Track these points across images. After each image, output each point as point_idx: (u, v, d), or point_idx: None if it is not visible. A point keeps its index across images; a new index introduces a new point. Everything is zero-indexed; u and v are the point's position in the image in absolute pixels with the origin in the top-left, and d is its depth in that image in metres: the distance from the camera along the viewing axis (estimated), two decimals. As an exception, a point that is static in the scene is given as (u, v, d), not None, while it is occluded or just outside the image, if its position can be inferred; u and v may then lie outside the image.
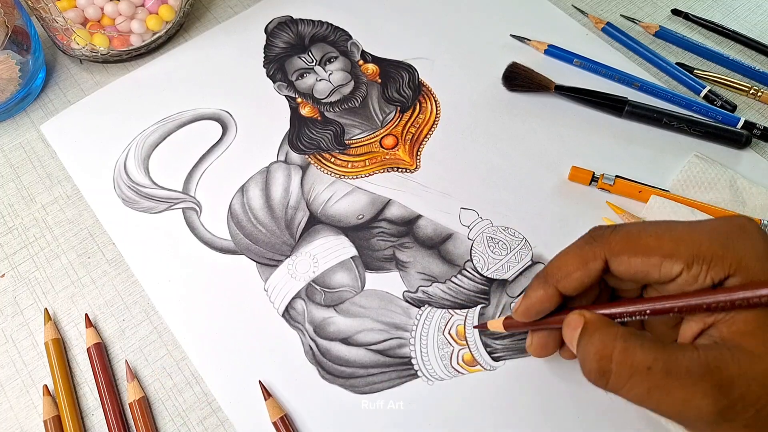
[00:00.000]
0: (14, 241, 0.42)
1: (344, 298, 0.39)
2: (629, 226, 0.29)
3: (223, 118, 0.46)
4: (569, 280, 0.29)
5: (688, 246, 0.26)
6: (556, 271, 0.29)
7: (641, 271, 0.27)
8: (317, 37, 0.50)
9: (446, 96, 0.47)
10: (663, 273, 0.27)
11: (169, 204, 0.43)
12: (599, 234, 0.29)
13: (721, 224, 0.27)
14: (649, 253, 0.27)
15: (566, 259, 0.29)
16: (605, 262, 0.28)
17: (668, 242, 0.27)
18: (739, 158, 0.43)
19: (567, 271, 0.29)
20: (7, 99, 0.45)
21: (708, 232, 0.27)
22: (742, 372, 0.24)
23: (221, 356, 0.37)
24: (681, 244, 0.27)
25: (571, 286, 0.29)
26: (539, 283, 0.30)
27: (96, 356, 0.36)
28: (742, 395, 0.24)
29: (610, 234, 0.29)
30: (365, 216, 0.42)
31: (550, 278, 0.29)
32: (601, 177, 0.42)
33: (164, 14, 0.48)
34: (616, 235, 0.28)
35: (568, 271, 0.29)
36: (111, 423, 0.35)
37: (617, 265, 0.28)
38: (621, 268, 0.28)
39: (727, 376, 0.24)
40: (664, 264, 0.27)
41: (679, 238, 0.27)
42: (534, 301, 0.30)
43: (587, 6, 0.53)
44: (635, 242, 0.28)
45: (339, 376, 0.36)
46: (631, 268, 0.28)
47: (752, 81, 0.47)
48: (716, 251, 0.26)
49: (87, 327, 0.38)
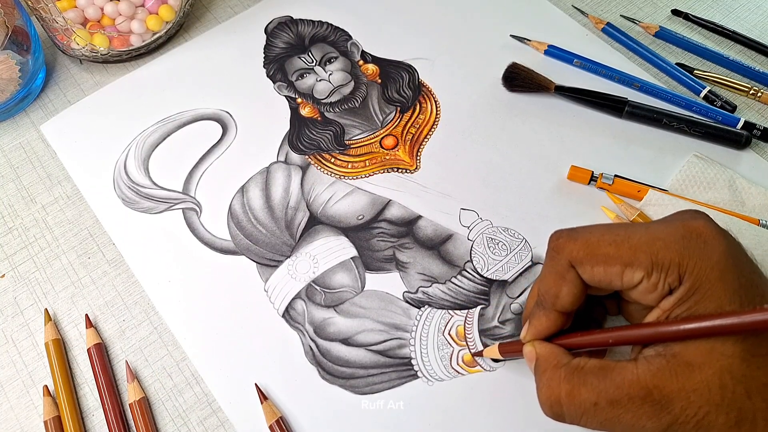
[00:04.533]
0: (14, 242, 0.42)
1: (344, 299, 0.39)
2: (587, 232, 0.29)
3: (223, 119, 0.46)
4: (561, 299, 0.29)
5: (646, 254, 0.27)
6: (547, 296, 0.30)
7: (604, 279, 0.28)
8: (317, 37, 0.50)
9: (446, 96, 0.47)
10: (625, 281, 0.28)
11: (169, 204, 0.43)
12: (560, 245, 0.29)
13: (677, 228, 0.27)
14: (610, 263, 0.28)
15: (548, 281, 0.30)
16: (576, 270, 0.29)
17: (627, 251, 0.27)
18: (739, 159, 0.43)
19: (555, 292, 0.29)
20: (7, 99, 0.45)
21: (664, 238, 0.27)
22: (681, 386, 0.25)
23: (221, 357, 0.37)
24: (639, 252, 0.27)
25: (567, 303, 0.29)
26: (540, 311, 0.30)
27: (96, 357, 0.36)
28: (683, 408, 0.25)
29: (570, 242, 0.29)
30: (365, 216, 0.42)
31: (546, 304, 0.30)
32: (600, 176, 0.42)
33: (164, 14, 0.48)
34: (575, 243, 0.29)
35: (556, 291, 0.29)
36: (111, 423, 0.35)
37: (583, 273, 0.29)
38: (586, 276, 0.29)
39: (667, 394, 0.25)
40: (625, 272, 0.27)
41: (637, 246, 0.27)
42: (541, 329, 0.30)
43: (587, 6, 0.53)
44: (595, 251, 0.28)
45: (339, 377, 0.36)
46: (594, 276, 0.28)
47: (752, 81, 0.47)
48: (673, 259, 0.26)
49: (87, 327, 0.38)
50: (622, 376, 0.26)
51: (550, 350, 0.29)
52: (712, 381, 0.24)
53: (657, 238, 0.27)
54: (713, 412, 0.24)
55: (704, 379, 0.24)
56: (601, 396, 0.26)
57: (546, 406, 0.28)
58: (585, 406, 0.26)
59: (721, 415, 0.24)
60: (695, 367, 0.25)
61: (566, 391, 0.27)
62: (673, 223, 0.28)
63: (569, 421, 0.28)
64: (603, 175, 0.42)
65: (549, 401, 0.28)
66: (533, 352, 0.30)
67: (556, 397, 0.27)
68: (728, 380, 0.24)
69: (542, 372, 0.29)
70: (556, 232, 0.30)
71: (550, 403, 0.28)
